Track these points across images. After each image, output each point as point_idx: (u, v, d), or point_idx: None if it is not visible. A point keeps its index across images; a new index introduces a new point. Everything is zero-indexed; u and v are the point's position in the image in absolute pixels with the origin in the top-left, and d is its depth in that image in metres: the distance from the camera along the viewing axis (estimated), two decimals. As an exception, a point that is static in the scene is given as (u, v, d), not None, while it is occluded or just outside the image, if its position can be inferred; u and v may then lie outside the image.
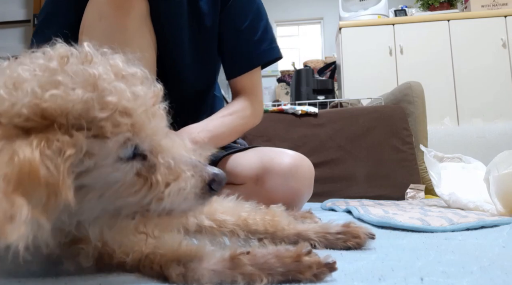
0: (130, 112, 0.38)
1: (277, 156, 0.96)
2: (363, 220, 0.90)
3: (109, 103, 0.36)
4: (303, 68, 3.57)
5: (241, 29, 1.02)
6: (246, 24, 1.02)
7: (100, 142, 0.36)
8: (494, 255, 0.54)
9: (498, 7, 3.04)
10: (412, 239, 0.68)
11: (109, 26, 0.82)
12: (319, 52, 4.82)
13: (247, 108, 1.03)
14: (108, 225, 0.41)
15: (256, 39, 1.03)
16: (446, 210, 1.05)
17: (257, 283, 0.39)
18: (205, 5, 0.99)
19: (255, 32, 1.03)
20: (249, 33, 1.02)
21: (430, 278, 0.41)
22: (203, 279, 0.40)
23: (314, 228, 0.59)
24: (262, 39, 1.04)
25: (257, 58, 1.04)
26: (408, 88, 1.98)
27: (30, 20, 3.26)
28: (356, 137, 1.88)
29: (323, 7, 4.67)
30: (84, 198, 0.37)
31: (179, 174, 0.41)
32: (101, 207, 0.39)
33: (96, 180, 0.37)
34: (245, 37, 1.02)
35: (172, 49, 0.97)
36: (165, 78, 0.97)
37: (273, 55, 1.06)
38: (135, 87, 0.39)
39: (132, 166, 0.39)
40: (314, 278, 0.40)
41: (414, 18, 3.15)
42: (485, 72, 2.89)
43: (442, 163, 1.33)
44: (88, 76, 0.37)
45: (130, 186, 0.39)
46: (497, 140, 2.28)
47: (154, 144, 0.41)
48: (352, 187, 1.79)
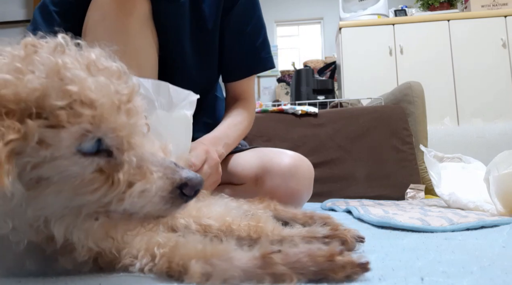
0: (93, 104, 0.35)
1: (277, 156, 0.96)
2: (363, 220, 0.90)
3: (68, 92, 0.35)
4: (303, 68, 3.57)
5: (244, 33, 1.03)
6: (248, 29, 1.03)
7: (56, 132, 0.35)
8: (494, 255, 0.54)
9: (498, 7, 3.04)
10: (412, 239, 0.68)
11: (111, 26, 0.83)
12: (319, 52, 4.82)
13: (248, 117, 1.07)
14: (73, 224, 0.38)
15: (257, 45, 1.04)
16: (446, 210, 1.05)
17: (288, 282, 0.37)
18: (208, 8, 0.99)
19: (257, 38, 1.04)
20: (251, 38, 1.04)
21: (430, 278, 0.41)
22: (233, 279, 0.38)
23: (301, 233, 0.56)
24: (262, 46, 1.05)
25: (258, 65, 1.05)
26: (408, 88, 1.98)
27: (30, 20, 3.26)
28: (356, 137, 1.88)
29: (323, 7, 4.66)
30: (44, 191, 0.36)
31: (145, 174, 0.38)
32: (61, 203, 0.37)
33: (53, 172, 0.36)
34: (247, 41, 1.03)
35: (173, 49, 0.97)
36: (166, 78, 0.98)
37: (271, 64, 1.09)
38: (107, 80, 0.37)
39: (92, 161, 0.37)
40: (346, 278, 0.39)
41: (414, 18, 3.15)
42: (485, 72, 2.89)
43: (442, 163, 1.33)
44: (52, 65, 0.35)
45: (89, 182, 0.37)
46: (497, 140, 2.28)
47: (123, 141, 0.38)
48: (352, 187, 1.79)
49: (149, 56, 0.90)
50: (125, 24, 0.84)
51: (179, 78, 1.00)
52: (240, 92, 1.07)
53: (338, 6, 3.42)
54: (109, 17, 0.83)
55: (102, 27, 0.84)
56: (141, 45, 0.87)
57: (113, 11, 0.83)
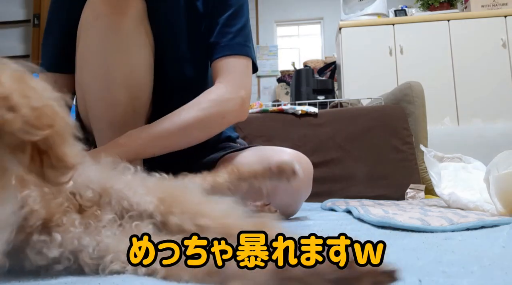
0: None
1: (276, 154, 0.96)
2: (363, 220, 0.90)
3: None
4: (303, 68, 3.58)
5: (223, 17, 0.97)
6: (230, 9, 0.97)
7: None
8: (494, 255, 0.54)
9: (498, 7, 3.04)
10: (412, 239, 0.68)
11: (105, 26, 0.83)
12: (319, 52, 4.82)
13: (207, 101, 0.87)
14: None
15: (236, 28, 0.97)
16: (446, 210, 1.05)
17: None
18: (201, 4, 0.99)
19: (238, 21, 0.98)
20: (232, 20, 0.97)
21: (430, 278, 0.41)
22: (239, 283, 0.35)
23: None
24: (240, 33, 0.97)
25: (233, 47, 0.96)
26: (408, 88, 1.99)
27: (30, 20, 3.26)
28: (356, 137, 1.88)
29: (323, 7, 4.67)
30: None
31: None
32: None
33: None
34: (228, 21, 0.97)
35: (168, 47, 0.97)
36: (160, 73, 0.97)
37: (246, 52, 0.97)
38: None
39: None
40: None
41: (414, 18, 3.15)
42: (485, 72, 2.89)
43: (442, 163, 1.33)
44: None
45: None
46: (497, 140, 2.28)
47: None
48: (352, 187, 1.79)
49: (143, 55, 0.89)
50: (118, 23, 0.84)
51: (172, 74, 1.00)
52: (214, 73, 0.96)
53: (338, 6, 3.43)
54: (102, 17, 0.83)
55: (95, 27, 0.84)
56: (135, 44, 0.87)
57: (106, 10, 0.83)
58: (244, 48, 0.96)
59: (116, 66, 0.85)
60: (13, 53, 3.21)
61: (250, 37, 1.01)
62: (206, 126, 0.88)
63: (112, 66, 0.84)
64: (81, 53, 0.88)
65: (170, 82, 1.00)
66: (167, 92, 0.99)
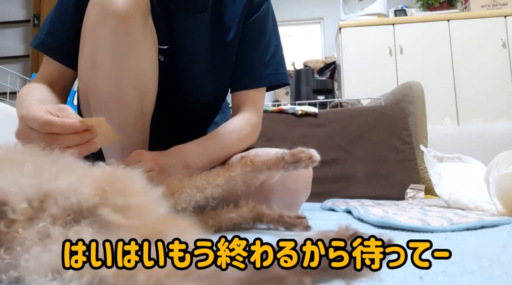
0: None
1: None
2: (363, 220, 0.90)
3: None
4: (303, 68, 3.57)
5: (258, 44, 1.04)
6: (262, 41, 1.04)
7: None
8: (494, 255, 0.54)
9: (498, 7, 3.04)
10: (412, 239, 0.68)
11: (113, 28, 0.80)
12: (319, 52, 4.82)
13: (247, 127, 1.01)
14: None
15: (267, 59, 1.04)
16: (446, 210, 1.05)
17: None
18: (229, 20, 1.00)
19: (267, 51, 1.05)
20: (263, 51, 1.04)
21: (430, 277, 0.41)
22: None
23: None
24: (271, 62, 1.05)
25: (264, 79, 1.04)
26: (408, 88, 1.99)
27: (30, 20, 3.26)
28: (356, 137, 1.88)
29: (323, 7, 4.67)
30: None
31: None
32: None
33: None
34: (258, 53, 1.04)
35: (186, 57, 0.97)
36: (172, 86, 0.97)
37: (277, 80, 1.06)
38: None
39: None
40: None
41: (414, 18, 3.15)
42: (485, 72, 2.89)
43: (442, 163, 1.33)
44: None
45: None
46: (497, 140, 2.28)
47: None
48: (352, 187, 1.79)
49: (150, 56, 0.89)
50: (128, 25, 0.80)
51: (188, 87, 1.00)
52: (243, 101, 1.04)
53: (338, 6, 3.43)
54: (109, 18, 0.80)
55: (103, 29, 0.81)
56: (143, 46, 0.86)
57: (114, 11, 0.81)
58: (275, 77, 1.07)
59: (127, 68, 0.82)
60: (13, 53, 3.21)
61: (282, 62, 1.09)
62: (243, 146, 1.02)
63: (123, 69, 0.82)
64: (88, 55, 0.84)
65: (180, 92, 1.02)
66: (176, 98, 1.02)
